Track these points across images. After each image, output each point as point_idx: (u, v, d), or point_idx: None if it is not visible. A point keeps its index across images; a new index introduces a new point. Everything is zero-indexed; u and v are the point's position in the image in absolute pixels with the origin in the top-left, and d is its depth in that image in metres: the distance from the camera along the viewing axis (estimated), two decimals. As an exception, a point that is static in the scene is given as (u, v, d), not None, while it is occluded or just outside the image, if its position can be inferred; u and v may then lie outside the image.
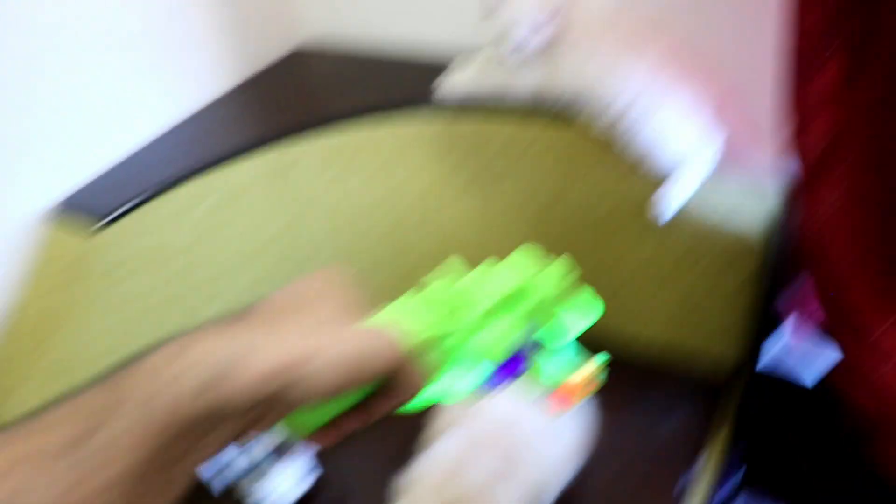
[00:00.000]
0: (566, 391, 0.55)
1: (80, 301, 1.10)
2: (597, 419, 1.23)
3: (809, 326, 1.13)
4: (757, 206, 1.19)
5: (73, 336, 1.10)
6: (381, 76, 1.44)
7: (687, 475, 1.14)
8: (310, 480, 1.16)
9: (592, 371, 0.57)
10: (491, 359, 0.46)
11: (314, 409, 0.42)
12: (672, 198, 1.15)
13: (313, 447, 0.48)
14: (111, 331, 1.14)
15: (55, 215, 1.17)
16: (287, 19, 1.57)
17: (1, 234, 1.13)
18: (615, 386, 1.30)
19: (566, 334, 0.51)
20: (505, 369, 0.48)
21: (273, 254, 1.29)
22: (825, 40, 0.86)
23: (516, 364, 0.48)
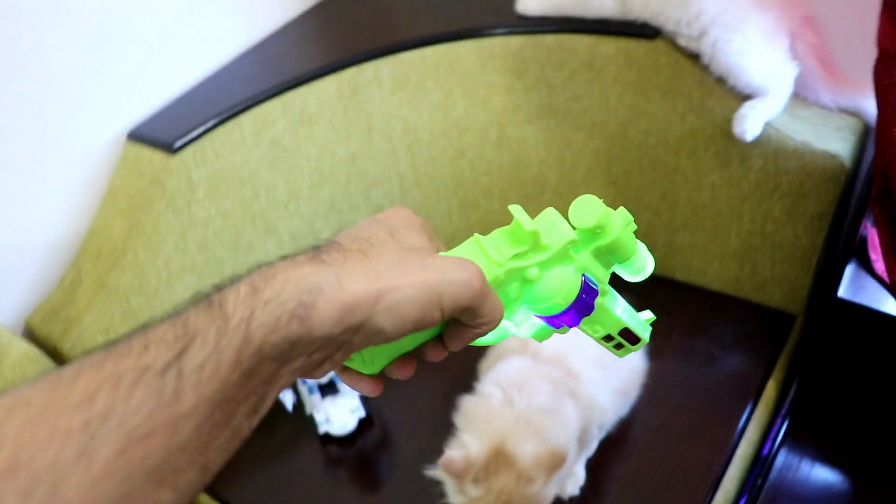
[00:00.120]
0: (627, 334, 0.55)
1: (153, 225, 1.13)
2: (665, 346, 1.24)
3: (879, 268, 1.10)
4: (838, 135, 1.15)
5: (145, 259, 1.13)
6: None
7: (742, 418, 1.13)
8: (360, 415, 1.21)
9: (643, 323, 0.56)
10: (559, 297, 0.46)
11: (391, 343, 0.42)
12: (753, 118, 1.11)
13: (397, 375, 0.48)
14: (183, 254, 1.17)
15: (129, 140, 1.19)
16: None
17: (77, 160, 1.16)
18: (686, 313, 1.31)
19: (636, 275, 0.51)
20: (572, 309, 0.48)
21: (341, 178, 1.30)
22: None
23: (583, 304, 0.48)
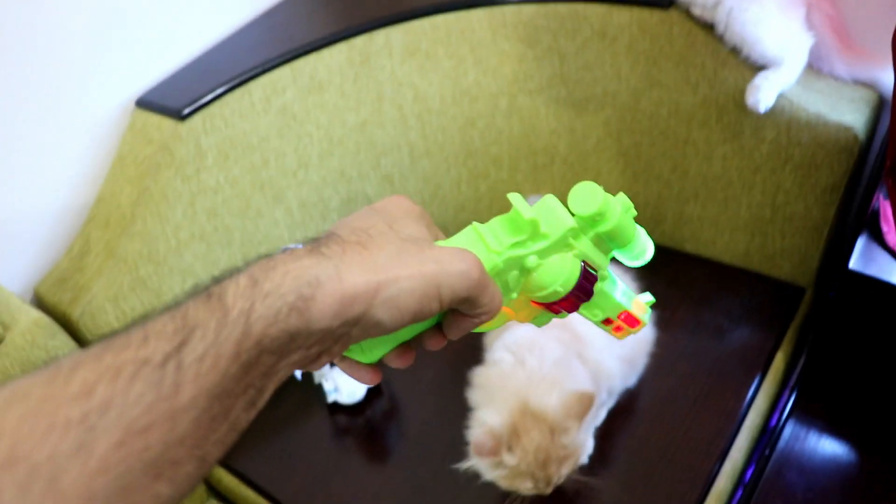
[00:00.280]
0: (626, 318, 0.55)
1: (162, 192, 1.12)
2: (673, 318, 1.24)
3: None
4: (852, 107, 1.14)
5: (153, 226, 1.13)
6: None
7: (750, 389, 1.14)
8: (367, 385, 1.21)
9: (643, 306, 0.56)
10: (559, 284, 0.46)
11: (393, 333, 0.41)
12: (767, 88, 1.10)
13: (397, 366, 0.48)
14: (191, 221, 1.16)
15: (138, 107, 1.18)
16: None
17: (85, 127, 1.16)
18: (695, 285, 1.31)
19: (635, 259, 0.50)
20: (571, 295, 0.47)
21: (350, 146, 1.29)
22: None
23: (582, 290, 0.48)
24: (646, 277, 1.21)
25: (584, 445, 0.96)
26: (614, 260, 0.50)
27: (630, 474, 1.05)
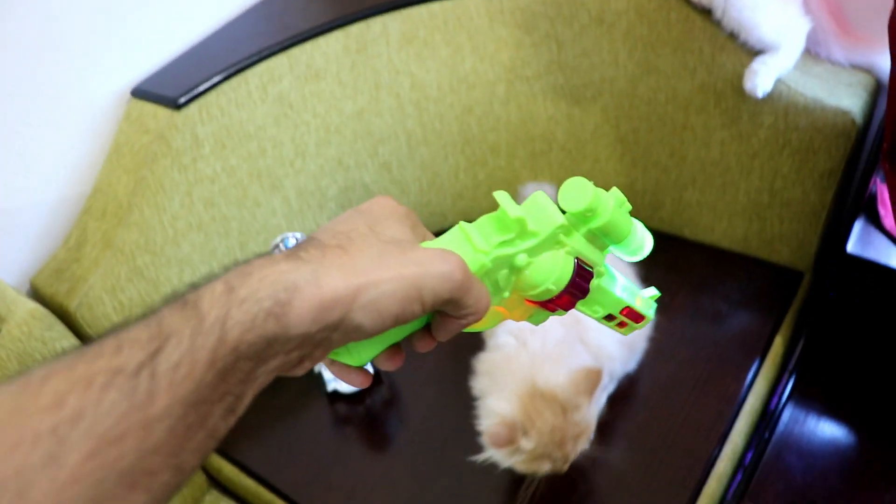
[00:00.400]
0: (629, 313, 0.54)
1: (158, 182, 1.12)
2: (673, 303, 1.24)
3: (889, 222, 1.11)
4: (849, 91, 1.14)
5: (150, 216, 1.12)
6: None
7: (749, 372, 1.14)
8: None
9: (647, 301, 0.56)
10: (551, 282, 0.45)
11: (379, 335, 0.41)
12: (765, 73, 1.10)
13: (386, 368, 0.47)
14: (189, 211, 1.16)
15: (133, 97, 1.17)
16: None
17: (80, 117, 1.15)
18: (694, 270, 1.31)
19: (633, 255, 0.50)
20: (565, 293, 0.46)
21: (348, 135, 1.28)
22: None
23: (577, 287, 0.47)
24: (644, 264, 1.19)
25: (594, 420, 0.96)
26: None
27: (631, 458, 1.06)
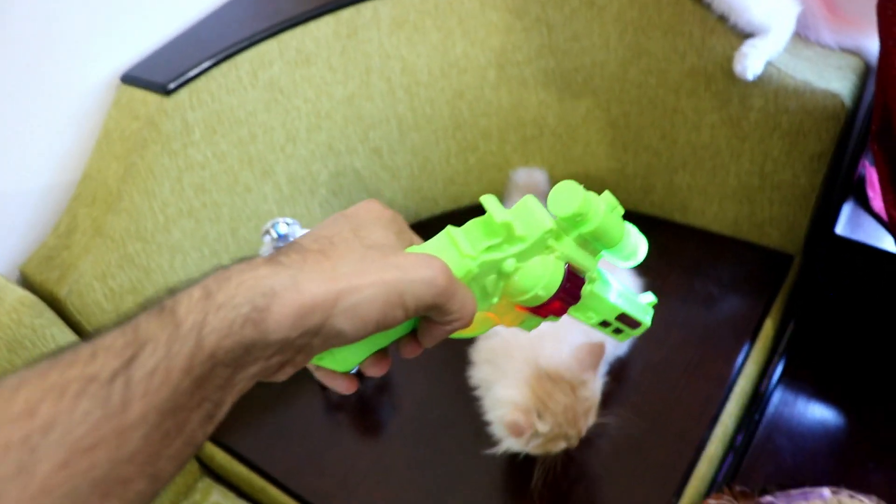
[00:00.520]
0: (624, 319, 0.54)
1: (149, 168, 1.11)
2: (664, 286, 1.25)
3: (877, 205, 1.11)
4: (839, 74, 1.15)
5: (141, 203, 1.11)
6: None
7: (740, 355, 1.15)
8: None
9: (644, 307, 0.56)
10: (540, 288, 0.45)
11: (362, 341, 0.41)
12: (755, 56, 1.10)
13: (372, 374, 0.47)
14: (179, 197, 1.15)
15: (123, 83, 1.17)
16: None
17: (69, 103, 1.14)
18: (685, 254, 1.32)
19: (627, 260, 0.49)
20: (555, 298, 0.46)
21: (339, 120, 1.28)
22: None
23: (567, 293, 0.46)
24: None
25: (599, 393, 0.97)
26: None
27: (622, 441, 1.06)
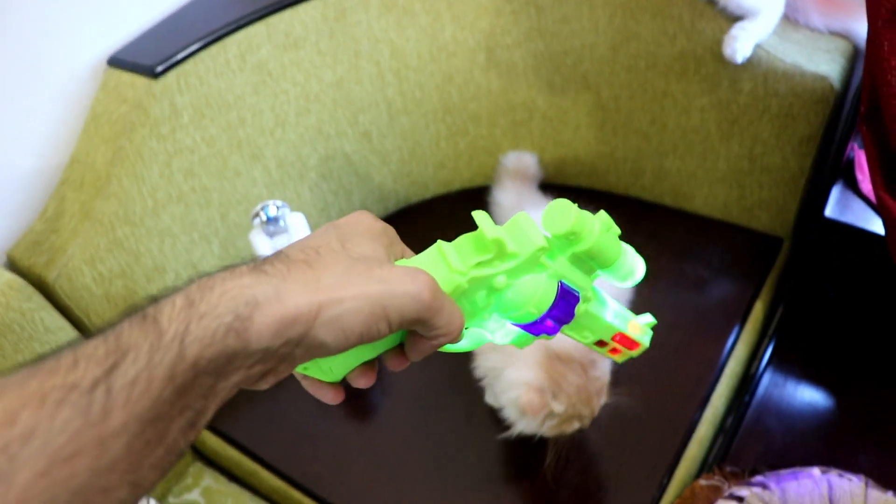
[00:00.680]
0: (622, 339, 0.54)
1: (137, 152, 1.10)
2: (654, 269, 1.25)
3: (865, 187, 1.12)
4: (828, 57, 1.15)
5: (130, 187, 1.11)
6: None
7: (730, 337, 1.15)
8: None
9: (642, 327, 0.55)
10: (531, 306, 0.44)
11: (348, 352, 0.40)
12: (744, 39, 1.10)
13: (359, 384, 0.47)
14: (168, 182, 1.14)
15: (110, 66, 1.16)
16: None
17: (56, 87, 1.13)
18: (675, 238, 1.32)
19: (623, 280, 0.49)
20: (548, 316, 0.46)
21: (328, 103, 1.27)
22: None
23: (560, 311, 0.46)
24: (626, 232, 1.21)
25: (609, 372, 0.98)
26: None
27: (613, 423, 1.06)
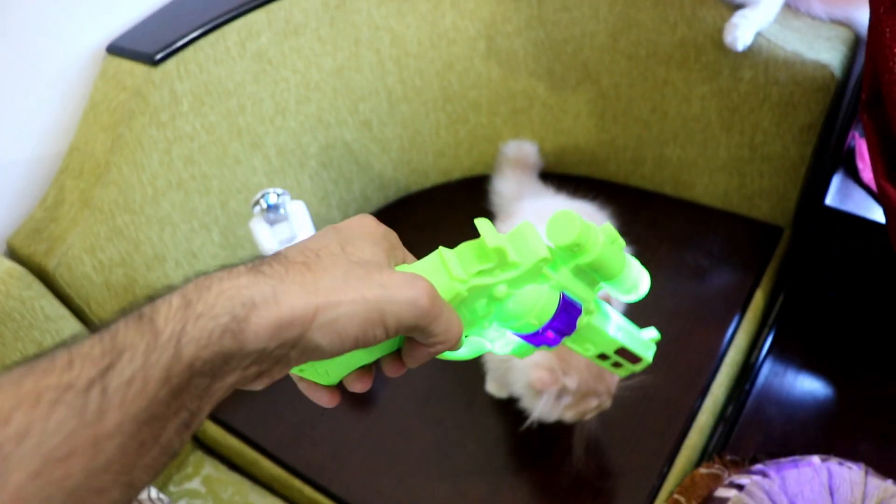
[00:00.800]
0: (624, 354, 0.53)
1: (137, 139, 1.10)
2: (654, 258, 1.25)
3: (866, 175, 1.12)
4: (829, 46, 1.15)
5: (129, 175, 1.10)
6: None
7: (730, 326, 1.15)
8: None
9: (646, 342, 0.55)
10: (532, 316, 0.44)
11: (345, 356, 0.40)
12: (745, 27, 1.10)
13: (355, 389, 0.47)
14: (168, 169, 1.14)
15: (109, 53, 1.15)
16: None
17: (54, 75, 1.12)
18: (676, 226, 1.32)
19: (627, 294, 0.48)
20: (549, 328, 0.45)
21: (328, 91, 1.27)
22: None
23: (562, 323, 0.46)
24: (626, 221, 1.21)
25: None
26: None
27: (614, 411, 1.07)
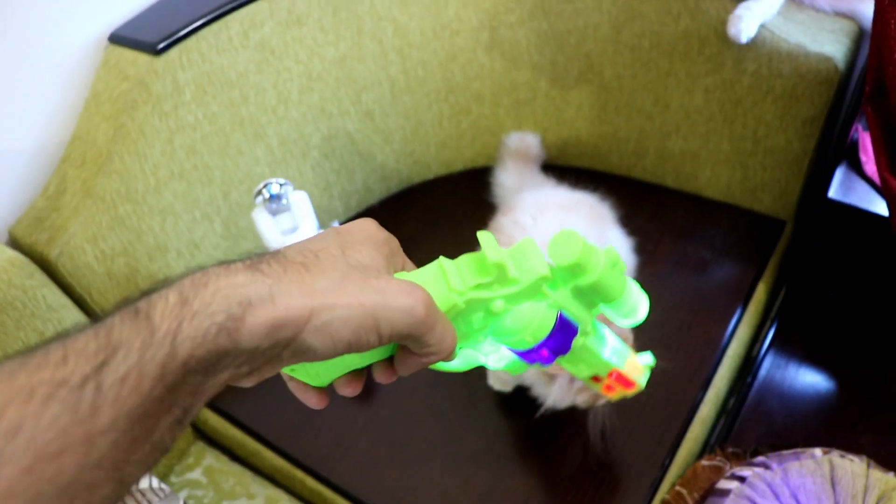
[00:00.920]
0: (618, 378, 0.53)
1: (139, 129, 1.10)
2: (657, 250, 1.25)
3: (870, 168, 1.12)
4: (832, 38, 1.14)
5: (131, 164, 1.10)
6: None
7: (732, 319, 1.15)
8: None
9: (641, 368, 0.55)
10: (528, 333, 0.44)
11: (337, 359, 0.40)
12: (749, 19, 1.09)
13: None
14: (170, 159, 1.14)
15: (111, 42, 1.15)
16: None
17: (56, 64, 1.12)
18: (678, 219, 1.32)
19: (626, 317, 0.48)
20: (543, 346, 0.45)
21: (331, 82, 1.27)
22: None
23: (556, 342, 0.45)
24: (628, 214, 1.21)
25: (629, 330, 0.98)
26: None
27: (615, 403, 1.06)
